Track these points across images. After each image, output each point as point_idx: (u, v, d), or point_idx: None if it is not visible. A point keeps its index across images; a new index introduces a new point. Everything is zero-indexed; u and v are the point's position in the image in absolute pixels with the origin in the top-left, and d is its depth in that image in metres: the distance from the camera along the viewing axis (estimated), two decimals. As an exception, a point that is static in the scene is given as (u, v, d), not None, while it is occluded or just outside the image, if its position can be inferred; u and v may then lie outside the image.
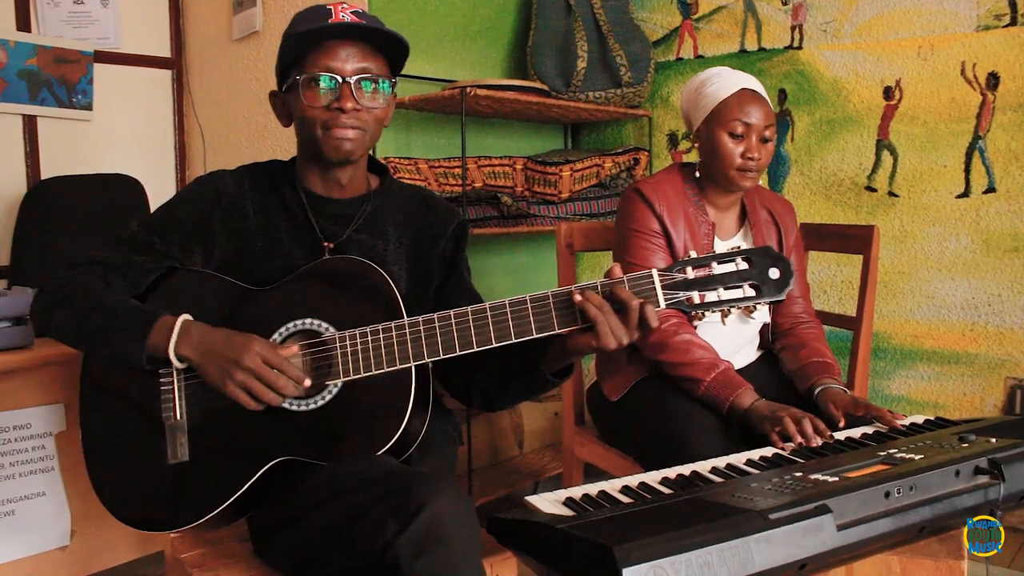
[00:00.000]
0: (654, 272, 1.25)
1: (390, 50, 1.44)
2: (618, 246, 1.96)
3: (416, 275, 1.53)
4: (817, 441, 1.52)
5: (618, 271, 1.27)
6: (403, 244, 1.53)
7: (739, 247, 1.27)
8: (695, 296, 1.24)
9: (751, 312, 1.31)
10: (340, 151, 1.41)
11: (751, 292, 1.24)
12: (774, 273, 1.24)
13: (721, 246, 1.91)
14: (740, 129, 1.82)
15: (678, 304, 1.24)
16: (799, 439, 1.52)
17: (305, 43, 1.38)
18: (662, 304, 1.24)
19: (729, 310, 1.27)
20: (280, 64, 1.44)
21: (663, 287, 1.24)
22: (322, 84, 1.37)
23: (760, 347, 2.04)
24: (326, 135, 1.40)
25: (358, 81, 1.38)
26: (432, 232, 1.56)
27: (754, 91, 1.86)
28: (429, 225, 1.56)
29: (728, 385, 1.74)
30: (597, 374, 2.09)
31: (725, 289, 1.24)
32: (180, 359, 1.31)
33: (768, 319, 1.98)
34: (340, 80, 1.37)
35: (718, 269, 1.24)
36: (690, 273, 1.24)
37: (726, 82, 1.86)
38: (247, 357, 1.27)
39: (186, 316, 1.33)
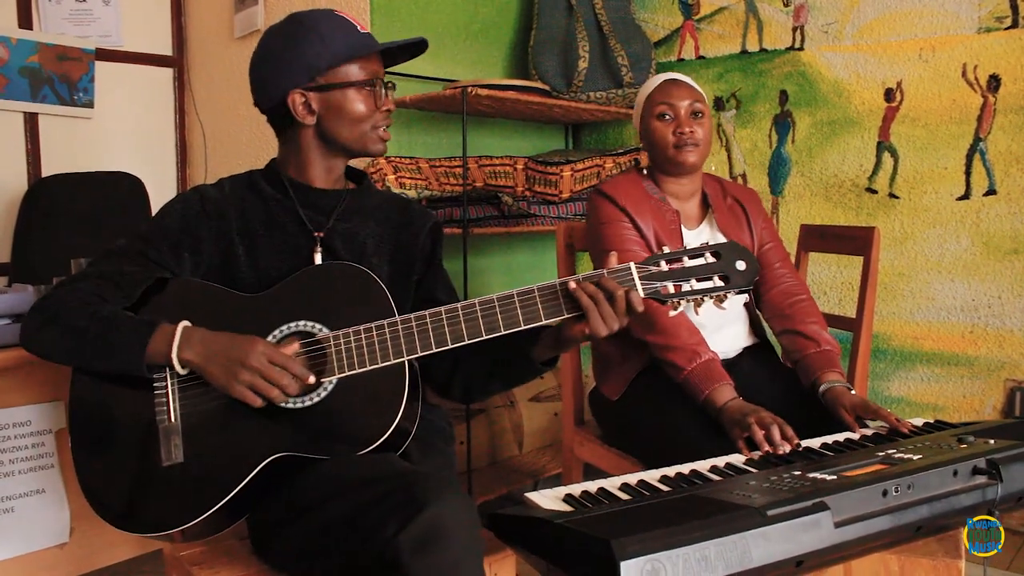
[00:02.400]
0: (632, 265, 1.35)
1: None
2: (593, 246, 2.01)
3: (398, 267, 1.58)
4: (785, 448, 1.51)
5: (613, 260, 1.37)
6: (384, 238, 1.59)
7: (707, 242, 1.39)
8: (669, 286, 1.35)
9: (722, 302, 1.37)
10: (383, 145, 1.55)
11: (720, 283, 1.35)
12: (740, 265, 1.35)
13: (688, 235, 1.95)
14: (666, 111, 1.93)
15: (655, 294, 1.35)
16: (766, 447, 1.51)
17: (354, 53, 1.48)
18: (640, 294, 1.34)
19: (702, 299, 1.36)
20: (311, 64, 1.47)
21: (640, 278, 1.35)
22: (377, 88, 1.50)
23: (753, 330, 2.02)
24: (374, 133, 1.52)
25: (390, 84, 1.53)
26: (411, 229, 1.63)
27: (675, 78, 1.97)
28: (408, 223, 1.63)
29: (707, 378, 1.73)
30: (595, 378, 2.09)
31: (697, 281, 1.35)
32: (183, 364, 1.33)
33: (746, 297, 1.99)
34: (383, 85, 1.51)
35: (690, 263, 1.36)
36: (664, 266, 1.35)
37: (650, 81, 2.01)
38: (252, 357, 1.30)
39: (185, 323, 1.36)
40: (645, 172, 2.03)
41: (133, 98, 3.51)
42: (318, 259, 1.50)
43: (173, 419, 1.35)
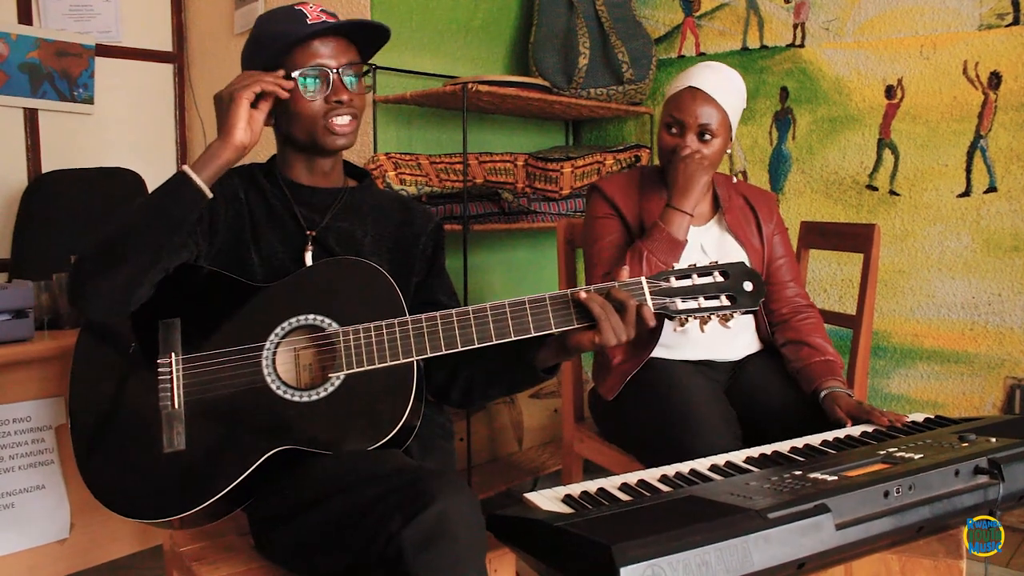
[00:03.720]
0: (643, 279, 1.37)
1: (363, 42, 1.52)
2: (583, 242, 2.03)
3: (396, 267, 1.56)
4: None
5: (624, 274, 1.38)
6: (382, 238, 1.57)
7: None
8: (679, 302, 1.36)
9: (727, 321, 1.38)
10: (339, 140, 1.47)
11: (727, 302, 1.37)
12: (748, 286, 1.38)
13: (695, 231, 1.94)
14: (673, 124, 1.88)
15: (663, 308, 1.36)
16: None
17: (290, 43, 1.43)
18: (651, 308, 1.35)
19: (708, 317, 1.37)
20: (259, 63, 1.46)
21: (651, 293, 1.36)
22: (319, 79, 1.44)
23: (760, 337, 2.03)
24: (325, 126, 1.45)
25: (347, 73, 1.46)
26: (412, 230, 1.61)
27: (696, 89, 1.86)
28: (408, 223, 1.61)
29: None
30: (593, 378, 2.10)
31: (705, 299, 1.37)
32: (207, 180, 1.33)
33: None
34: (332, 73, 1.44)
35: (699, 280, 1.38)
36: (674, 282, 1.37)
37: (678, 82, 1.92)
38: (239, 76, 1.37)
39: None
40: (657, 172, 2.01)
41: (133, 94, 3.50)
42: (308, 258, 1.48)
43: (176, 405, 1.34)
